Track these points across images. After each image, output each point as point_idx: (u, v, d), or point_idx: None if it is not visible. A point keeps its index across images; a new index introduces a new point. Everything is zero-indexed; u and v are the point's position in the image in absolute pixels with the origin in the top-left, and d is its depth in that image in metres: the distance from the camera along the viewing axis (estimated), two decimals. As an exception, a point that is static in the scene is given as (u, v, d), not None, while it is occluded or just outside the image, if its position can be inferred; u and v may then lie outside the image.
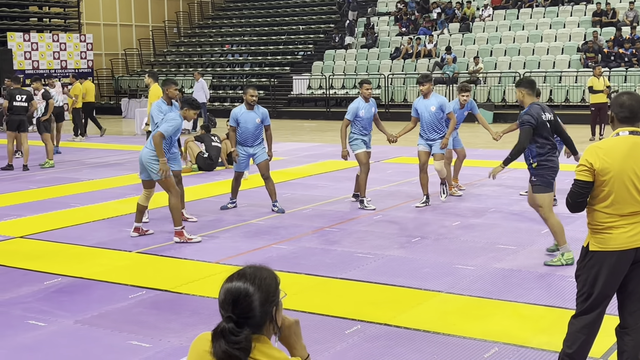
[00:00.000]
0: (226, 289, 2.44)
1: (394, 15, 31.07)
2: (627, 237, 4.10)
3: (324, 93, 28.07)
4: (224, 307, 2.43)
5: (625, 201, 4.09)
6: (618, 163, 4.07)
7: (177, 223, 8.71)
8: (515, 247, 8.11)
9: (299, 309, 6.14)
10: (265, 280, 2.47)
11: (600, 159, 4.10)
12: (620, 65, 23.83)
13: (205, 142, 14.58)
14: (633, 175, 4.08)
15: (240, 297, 2.41)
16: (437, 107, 10.38)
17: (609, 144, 4.15)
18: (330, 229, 9.22)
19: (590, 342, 4.30)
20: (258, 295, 2.43)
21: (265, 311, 2.45)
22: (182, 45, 36.04)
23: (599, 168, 4.09)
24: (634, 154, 4.09)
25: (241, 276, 2.47)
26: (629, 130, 4.15)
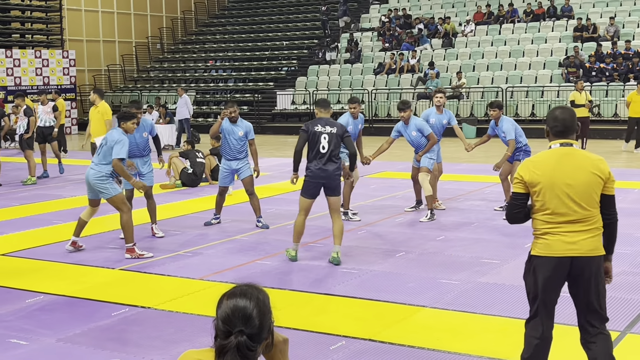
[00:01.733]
0: (233, 305, 2.50)
1: (377, 31, 31.23)
2: (563, 244, 4.23)
3: (307, 108, 28.10)
4: (232, 323, 2.48)
5: (559, 210, 4.23)
6: (548, 174, 4.24)
7: (129, 240, 8.74)
8: (499, 261, 8.13)
9: (283, 325, 6.10)
10: (265, 299, 2.56)
11: (530, 171, 4.30)
12: (601, 80, 24.04)
13: (190, 158, 14.54)
14: (564, 185, 4.21)
15: (247, 314, 2.48)
16: (417, 131, 10.76)
17: (540, 157, 4.35)
18: (315, 244, 9.21)
19: (545, 348, 4.36)
20: (260, 314, 2.51)
21: (264, 329, 2.52)
22: (165, 61, 36.03)
23: (529, 180, 4.29)
24: (563, 165, 4.24)
25: (244, 293, 2.54)
26: (559, 143, 4.32)
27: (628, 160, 16.73)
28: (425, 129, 10.76)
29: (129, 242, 8.73)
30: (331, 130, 8.26)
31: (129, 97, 32.52)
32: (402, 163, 16.65)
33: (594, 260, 4.22)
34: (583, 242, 4.20)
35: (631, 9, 27.91)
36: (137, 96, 32.19)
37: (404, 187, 13.40)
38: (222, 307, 2.51)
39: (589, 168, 4.21)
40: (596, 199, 4.23)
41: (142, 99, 31.57)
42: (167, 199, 13.01)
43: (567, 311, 4.89)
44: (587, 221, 4.21)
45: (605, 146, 18.68)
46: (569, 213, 4.21)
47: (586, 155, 4.30)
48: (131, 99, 32.24)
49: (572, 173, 4.21)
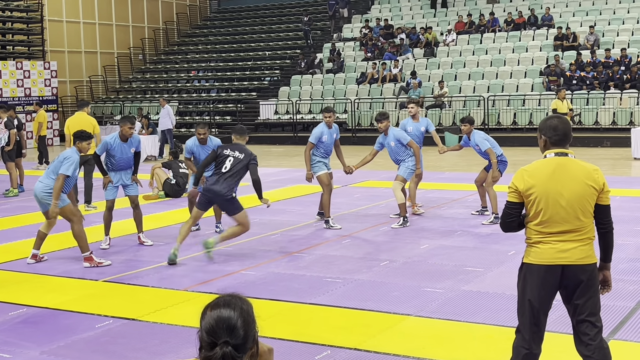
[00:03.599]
0: (217, 316, 2.50)
1: (359, 41, 31.35)
2: (554, 252, 4.23)
3: (291, 118, 28.13)
4: (216, 334, 2.47)
5: (553, 220, 4.23)
6: (542, 184, 4.25)
7: (84, 250, 8.83)
8: (483, 269, 8.16)
9: (267, 335, 6.10)
10: (248, 308, 2.57)
11: (524, 180, 4.29)
12: (582, 88, 24.25)
13: (173, 168, 14.50)
14: (558, 195, 4.22)
15: (231, 325, 2.48)
16: (396, 141, 10.97)
17: (535, 166, 4.34)
18: (299, 254, 9.20)
19: (533, 358, 4.35)
20: (244, 324, 2.51)
21: (249, 339, 2.52)
22: (147, 71, 35.94)
23: (523, 189, 4.29)
24: (558, 175, 4.24)
25: (227, 304, 2.54)
26: (554, 152, 4.32)
27: (610, 167, 16.87)
28: (404, 138, 10.98)
29: (84, 251, 8.83)
30: (239, 155, 9.03)
31: (111, 108, 32.43)
32: (386, 172, 16.69)
33: (586, 268, 4.22)
34: (574, 251, 4.21)
35: (611, 17, 28.20)
36: (120, 107, 32.10)
37: (388, 196, 13.43)
38: (206, 318, 2.51)
39: (583, 179, 4.21)
40: (590, 209, 4.23)
41: (124, 110, 31.49)
42: (150, 210, 12.96)
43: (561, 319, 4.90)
44: (580, 231, 4.22)
45: (586, 154, 18.83)
46: (562, 223, 4.21)
47: (581, 165, 4.28)
48: (113, 110, 32.18)
49: (566, 183, 4.21)
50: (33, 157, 21.59)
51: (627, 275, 7.65)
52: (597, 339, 4.23)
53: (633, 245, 9.04)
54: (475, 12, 30.72)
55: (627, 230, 9.83)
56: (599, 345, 4.23)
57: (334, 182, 13.24)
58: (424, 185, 13.78)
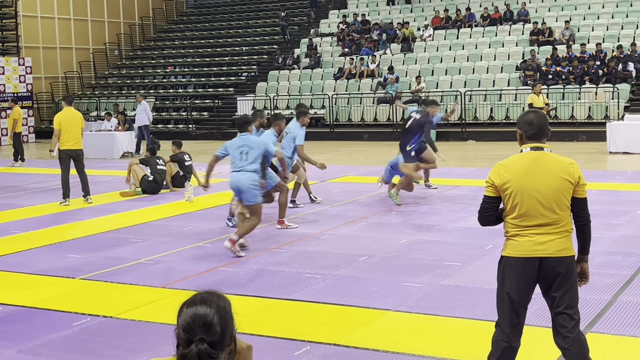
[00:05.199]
0: (193, 313, 2.50)
1: (336, 36, 31.33)
2: (531, 245, 4.26)
3: (268, 114, 28.05)
4: (192, 331, 2.47)
5: (530, 214, 4.26)
6: (518, 178, 4.28)
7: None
8: (461, 263, 8.20)
9: (247, 331, 6.08)
10: (226, 305, 2.56)
11: (500, 175, 4.33)
12: (557, 82, 24.42)
13: (150, 165, 14.40)
14: (534, 190, 4.25)
15: (207, 322, 2.48)
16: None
17: (511, 161, 4.38)
18: (278, 250, 9.19)
19: (513, 352, 4.38)
20: (221, 321, 2.50)
21: (226, 335, 2.52)
22: (123, 67, 35.69)
23: (499, 184, 4.33)
24: (534, 169, 4.27)
25: (204, 301, 2.53)
26: (530, 147, 4.35)
27: (586, 161, 17.00)
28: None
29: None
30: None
31: (87, 104, 32.17)
32: (364, 167, 16.72)
33: (563, 261, 4.24)
34: (551, 243, 4.23)
35: (586, 12, 28.41)
36: (95, 103, 31.85)
37: (366, 191, 13.46)
38: (183, 315, 2.50)
39: (558, 172, 4.24)
40: (566, 203, 4.25)
41: (100, 106, 31.25)
42: (128, 206, 12.89)
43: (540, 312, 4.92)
44: (557, 224, 4.25)
45: (562, 148, 18.97)
46: (539, 217, 4.24)
47: (557, 159, 4.30)
48: (89, 106, 31.91)
49: (542, 177, 4.24)
50: (8, 154, 21.37)
51: (604, 268, 7.72)
52: (575, 331, 4.27)
53: (609, 239, 9.13)
54: (451, 7, 30.82)
55: (603, 224, 9.92)
56: (577, 338, 4.27)
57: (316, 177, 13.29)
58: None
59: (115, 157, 22.18)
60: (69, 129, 12.88)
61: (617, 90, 22.97)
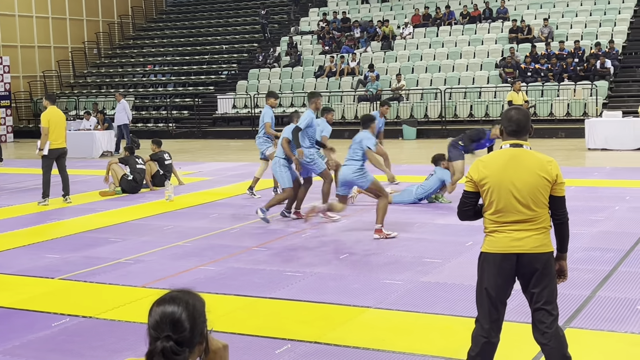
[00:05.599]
0: (161, 311, 2.51)
1: (316, 34, 31.32)
2: (508, 241, 4.28)
3: (249, 112, 28.03)
4: (160, 329, 2.49)
5: (507, 210, 4.28)
6: (495, 174, 4.30)
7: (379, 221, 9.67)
8: (441, 260, 8.22)
9: (227, 330, 6.07)
10: (195, 304, 2.55)
11: (479, 171, 4.36)
12: (536, 80, 24.57)
13: (130, 164, 14.31)
14: (511, 186, 4.26)
15: (175, 319, 2.48)
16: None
17: (491, 157, 4.42)
18: (259, 249, 9.17)
19: (492, 347, 4.39)
20: (190, 318, 2.50)
21: (196, 333, 2.52)
22: (102, 66, 35.47)
23: (477, 179, 4.36)
24: (512, 166, 4.29)
25: (173, 299, 2.54)
26: (510, 144, 4.37)
27: (565, 158, 17.12)
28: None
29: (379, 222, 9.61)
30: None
31: (66, 104, 31.93)
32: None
33: (540, 257, 4.26)
34: (528, 240, 4.25)
35: (564, 10, 28.60)
36: (74, 102, 31.63)
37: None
38: (152, 314, 2.53)
39: (536, 170, 4.24)
40: (543, 200, 4.26)
41: (79, 105, 31.05)
42: (107, 206, 12.81)
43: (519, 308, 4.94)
44: (534, 221, 4.26)
45: (542, 145, 19.09)
46: (516, 213, 4.25)
47: (535, 157, 4.31)
48: (67, 105, 31.69)
49: (519, 174, 4.25)
50: (-14, 154, 21.15)
51: (582, 264, 7.77)
52: (553, 327, 4.29)
53: (587, 235, 9.20)
54: (431, 5, 30.91)
55: (581, 220, 9.99)
56: (555, 333, 4.29)
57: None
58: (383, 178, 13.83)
59: (94, 157, 22.04)
60: (57, 128, 12.80)
61: (595, 87, 23.15)
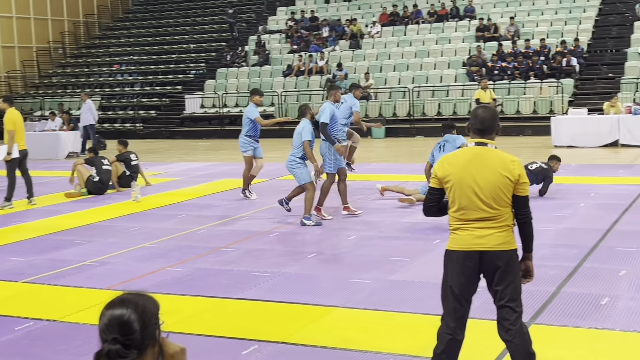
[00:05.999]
0: (110, 314, 2.50)
1: (284, 33, 31.27)
2: (471, 238, 4.30)
3: (217, 112, 27.89)
4: (108, 331, 2.48)
5: (469, 208, 4.30)
6: (458, 172, 4.33)
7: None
8: (409, 258, 8.24)
9: (194, 332, 6.03)
10: (145, 305, 2.53)
11: (443, 168, 4.39)
12: (503, 78, 24.76)
13: (96, 165, 14.14)
14: (473, 184, 4.28)
15: (123, 321, 2.47)
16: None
17: (455, 154, 4.45)
18: (226, 249, 9.12)
19: (457, 344, 4.41)
20: (140, 320, 2.48)
21: (147, 335, 2.49)
22: (68, 66, 35.06)
23: (441, 176, 4.39)
24: (474, 164, 4.31)
25: (122, 302, 2.53)
26: (475, 142, 4.39)
27: (532, 155, 17.25)
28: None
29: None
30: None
31: (31, 104, 31.52)
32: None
33: (503, 254, 4.27)
34: (490, 237, 4.27)
35: (530, 9, 28.86)
36: (40, 103, 31.24)
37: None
38: (102, 317, 2.51)
39: (498, 169, 4.26)
40: (505, 199, 4.27)
41: (44, 106, 30.66)
42: (73, 207, 12.66)
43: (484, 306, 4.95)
44: (497, 219, 4.27)
45: (509, 142, 19.24)
46: (478, 211, 4.27)
47: (498, 156, 4.32)
48: (32, 106, 31.27)
49: (482, 172, 4.26)
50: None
51: (547, 260, 7.83)
52: (517, 323, 4.31)
53: (553, 232, 9.28)
54: (399, 3, 31.00)
55: (547, 217, 10.08)
56: (519, 330, 4.31)
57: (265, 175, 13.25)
58: (352, 177, 13.85)
59: (60, 158, 21.78)
60: (21, 129, 12.63)
61: (561, 85, 23.40)
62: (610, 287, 6.89)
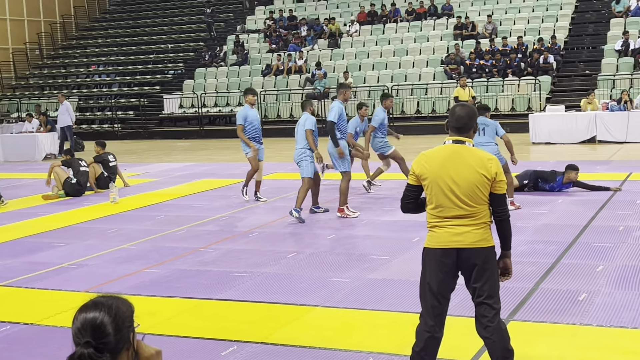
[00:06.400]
0: (82, 318, 2.48)
1: (263, 32, 31.20)
2: (448, 236, 4.31)
3: (196, 112, 27.78)
4: (81, 335, 2.45)
5: (446, 205, 4.31)
6: (435, 169, 4.34)
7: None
8: (388, 257, 8.24)
9: (173, 333, 6.00)
10: (119, 308, 2.51)
11: (421, 165, 4.40)
12: (481, 76, 24.87)
13: (73, 166, 14.01)
14: (450, 181, 4.29)
15: (96, 325, 2.45)
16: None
17: (433, 152, 4.44)
18: (205, 250, 9.08)
19: (436, 342, 4.41)
20: (113, 323, 2.47)
21: (121, 338, 2.47)
22: (45, 67, 34.78)
23: (418, 173, 4.41)
24: (451, 161, 4.32)
25: (95, 305, 2.50)
26: (452, 140, 4.41)
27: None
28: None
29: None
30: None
31: (7, 106, 31.26)
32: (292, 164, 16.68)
33: (480, 251, 4.28)
34: (468, 235, 4.28)
35: (507, 6, 28.99)
36: (16, 104, 30.96)
37: (295, 187, 13.41)
38: (74, 321, 2.49)
39: (475, 167, 4.27)
40: (481, 196, 4.28)
41: (21, 107, 30.39)
42: (50, 210, 12.55)
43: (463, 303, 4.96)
44: (474, 216, 4.28)
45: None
46: (455, 208, 4.28)
47: (475, 154, 4.33)
48: (9, 107, 30.99)
49: (458, 170, 4.27)
50: None
51: (526, 257, 7.87)
52: (495, 320, 4.32)
53: (531, 228, 9.32)
54: (377, 2, 31.04)
55: (525, 213, 10.13)
56: (497, 327, 4.32)
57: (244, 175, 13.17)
58: (331, 176, 13.85)
59: (37, 159, 21.61)
60: None
61: (538, 82, 23.53)
62: (588, 282, 6.93)
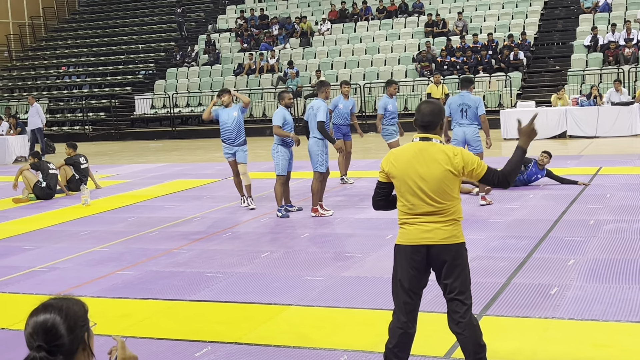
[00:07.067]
0: (33, 322, 2.45)
1: (234, 32, 31.11)
2: (418, 232, 4.34)
3: (168, 112, 27.63)
4: (33, 339, 2.43)
5: (415, 202, 4.34)
6: (402, 166, 4.37)
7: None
8: (362, 254, 8.26)
9: (146, 335, 5.96)
10: (70, 309, 2.49)
11: (389, 162, 4.43)
12: (453, 73, 25.00)
13: (42, 169, 13.87)
14: (417, 178, 4.32)
15: (47, 327, 2.42)
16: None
17: (401, 149, 4.47)
18: (179, 251, 9.04)
19: (409, 338, 4.43)
20: (65, 324, 2.44)
21: (75, 338, 2.45)
22: (14, 69, 34.39)
23: (387, 171, 4.44)
24: (418, 159, 4.35)
25: (45, 307, 2.48)
26: (419, 137, 4.43)
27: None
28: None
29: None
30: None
31: (-23, 108, 30.84)
32: (266, 163, 16.67)
33: (449, 248, 4.31)
34: (437, 231, 4.30)
35: (477, 3, 29.18)
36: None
37: (268, 187, 13.41)
38: (26, 326, 2.46)
39: (442, 163, 4.29)
40: (450, 192, 4.31)
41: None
42: (21, 213, 12.42)
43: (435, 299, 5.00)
44: (443, 213, 4.31)
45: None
46: (424, 205, 4.30)
47: (442, 150, 4.34)
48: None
49: (426, 167, 4.29)
50: None
51: (498, 252, 7.93)
52: (467, 316, 4.35)
53: (503, 223, 9.39)
54: (348, 0, 31.08)
55: (497, 209, 10.20)
56: (469, 322, 4.35)
57: (217, 175, 13.14)
58: (303, 175, 13.85)
59: (7, 163, 21.36)
60: None
61: (509, 78, 23.71)
62: (559, 276, 6.99)
